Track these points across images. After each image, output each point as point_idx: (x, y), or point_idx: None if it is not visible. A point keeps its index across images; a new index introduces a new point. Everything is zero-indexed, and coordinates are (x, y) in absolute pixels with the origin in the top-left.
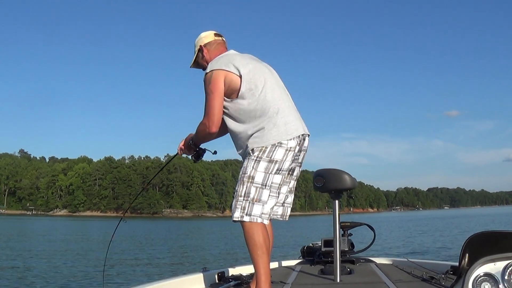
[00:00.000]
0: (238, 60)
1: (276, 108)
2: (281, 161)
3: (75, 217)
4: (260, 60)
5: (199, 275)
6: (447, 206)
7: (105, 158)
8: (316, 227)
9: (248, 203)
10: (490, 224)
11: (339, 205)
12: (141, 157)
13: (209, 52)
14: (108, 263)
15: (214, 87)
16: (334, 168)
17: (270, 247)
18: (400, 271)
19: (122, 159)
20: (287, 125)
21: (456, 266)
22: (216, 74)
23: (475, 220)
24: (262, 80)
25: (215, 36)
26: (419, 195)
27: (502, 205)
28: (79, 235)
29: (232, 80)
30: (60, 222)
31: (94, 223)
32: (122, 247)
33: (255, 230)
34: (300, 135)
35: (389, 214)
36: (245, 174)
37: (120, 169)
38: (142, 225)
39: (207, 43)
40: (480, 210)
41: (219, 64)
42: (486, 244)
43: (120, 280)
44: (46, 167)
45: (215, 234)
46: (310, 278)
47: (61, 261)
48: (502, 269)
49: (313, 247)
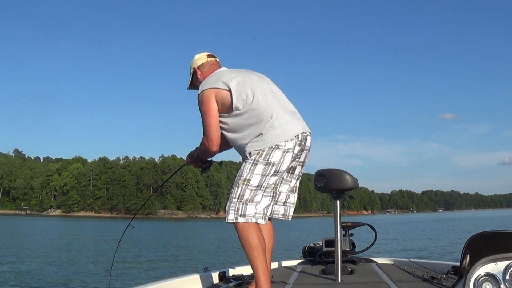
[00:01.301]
0: (225, 76)
1: (270, 113)
2: (279, 163)
3: (69, 217)
4: (251, 71)
5: (200, 275)
6: (441, 209)
7: (99, 159)
8: (311, 229)
9: (241, 204)
10: (487, 227)
11: (340, 205)
12: (136, 157)
13: (203, 74)
14: (108, 264)
15: (207, 108)
16: (335, 168)
17: (271, 247)
18: (402, 271)
19: (117, 159)
20: (283, 127)
21: (457, 266)
22: (207, 94)
23: (471, 223)
24: (251, 89)
25: (207, 57)
26: (414, 197)
27: (497, 208)
28: (73, 235)
29: (223, 96)
30: (54, 222)
31: (88, 224)
32: (123, 247)
33: (249, 231)
34: (299, 135)
35: (383, 216)
36: (241, 177)
37: (114, 169)
38: (138, 226)
39: (200, 65)
40: (475, 213)
41: (208, 84)
42: (487, 244)
43: (120, 280)
44: (40, 167)
45: (215, 235)
46: (311, 278)
47: (60, 262)
48: (503, 269)
49: (314, 247)
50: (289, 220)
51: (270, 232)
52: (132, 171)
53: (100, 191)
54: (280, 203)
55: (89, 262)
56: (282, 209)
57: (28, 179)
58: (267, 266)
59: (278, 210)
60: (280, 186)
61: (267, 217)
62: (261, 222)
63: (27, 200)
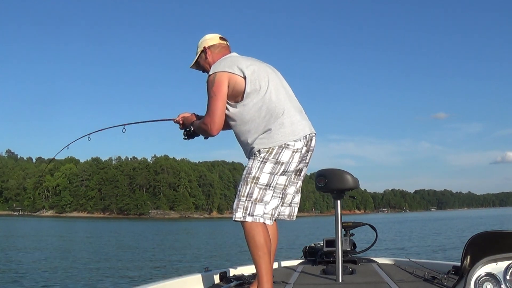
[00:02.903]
0: (241, 62)
1: (281, 109)
2: (288, 163)
3: (62, 218)
4: (263, 62)
5: (201, 275)
6: (434, 208)
7: (92, 159)
8: (302, 229)
9: (250, 203)
10: (483, 227)
11: (341, 205)
12: (128, 158)
13: (212, 55)
14: (108, 264)
15: (217, 89)
16: (336, 168)
17: (275, 247)
18: (402, 271)
19: (109, 160)
20: (293, 126)
21: (458, 266)
22: (219, 76)
23: (465, 222)
24: (266, 81)
25: (220, 39)
26: (406, 197)
27: (489, 207)
28: (65, 236)
29: (236, 82)
30: (46, 223)
31: (80, 224)
32: (123, 248)
33: (256, 230)
34: (307, 135)
35: (376, 216)
36: (249, 175)
37: (107, 170)
38: (133, 226)
39: (211, 45)
40: (468, 212)
41: (223, 66)
42: (488, 244)
43: (120, 280)
44: (33, 168)
45: (217, 236)
46: (312, 278)
47: (57, 262)
48: (504, 269)
49: (315, 247)
50: (293, 220)
51: (275, 233)
52: (124, 172)
53: (93, 191)
54: (286, 204)
55: (85, 262)
56: (288, 210)
57: (20, 179)
58: (270, 267)
59: (284, 211)
60: (288, 188)
61: (274, 218)
62: (268, 223)
63: (19, 201)
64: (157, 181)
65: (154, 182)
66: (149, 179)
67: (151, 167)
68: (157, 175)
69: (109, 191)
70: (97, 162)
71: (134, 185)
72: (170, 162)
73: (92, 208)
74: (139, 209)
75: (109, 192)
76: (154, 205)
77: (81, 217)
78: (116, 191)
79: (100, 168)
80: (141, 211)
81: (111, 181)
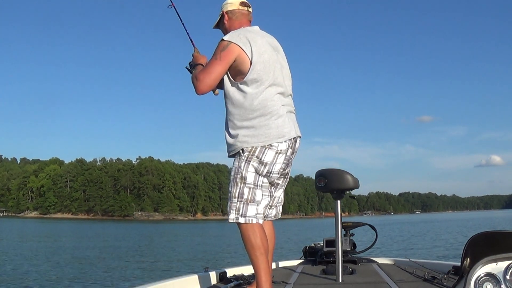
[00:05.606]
0: (259, 46)
1: (271, 108)
2: (271, 163)
3: (46, 219)
4: (279, 49)
5: (200, 275)
6: (419, 211)
7: (76, 160)
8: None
9: (242, 204)
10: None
11: (341, 205)
12: (113, 159)
13: (230, 21)
14: (108, 264)
15: (225, 56)
16: (336, 168)
17: (272, 247)
18: (402, 271)
19: (94, 161)
20: (279, 128)
21: (458, 266)
22: (232, 47)
23: (450, 224)
24: (270, 77)
25: (240, 5)
26: (391, 199)
27: (474, 210)
28: (51, 237)
29: (243, 62)
30: (30, 224)
31: (64, 225)
32: (120, 249)
33: (251, 231)
34: (291, 138)
35: (360, 218)
36: (237, 175)
37: (91, 171)
38: (118, 228)
39: (230, 10)
40: (452, 215)
41: (239, 40)
42: (488, 244)
43: (121, 281)
44: (17, 169)
45: (217, 236)
46: (312, 278)
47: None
48: (504, 269)
49: (315, 247)
50: (278, 218)
51: (271, 233)
52: (109, 173)
53: (77, 192)
54: (273, 206)
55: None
56: (274, 211)
57: (4, 180)
58: (268, 267)
59: (271, 212)
60: (275, 191)
61: (265, 217)
62: (261, 222)
63: (3, 202)
64: (142, 183)
65: (138, 184)
66: (134, 181)
67: (135, 169)
68: (142, 177)
69: (94, 193)
70: (82, 163)
71: (118, 186)
72: (155, 163)
73: (76, 209)
74: (124, 211)
75: (94, 194)
76: (138, 207)
77: (65, 218)
78: (101, 192)
79: (85, 169)
80: (125, 212)
81: (95, 182)
